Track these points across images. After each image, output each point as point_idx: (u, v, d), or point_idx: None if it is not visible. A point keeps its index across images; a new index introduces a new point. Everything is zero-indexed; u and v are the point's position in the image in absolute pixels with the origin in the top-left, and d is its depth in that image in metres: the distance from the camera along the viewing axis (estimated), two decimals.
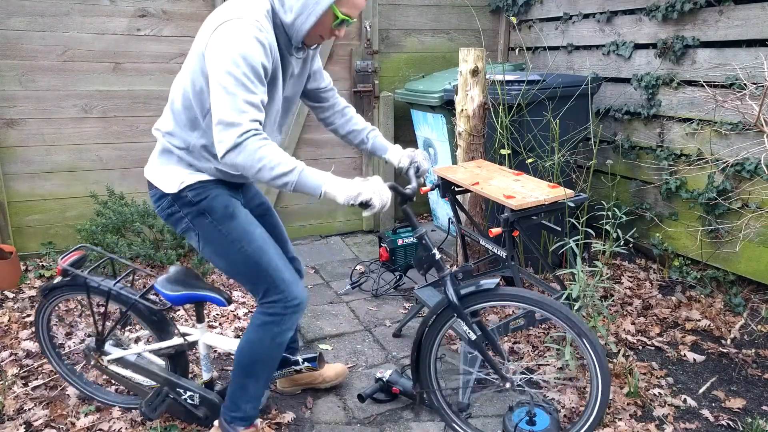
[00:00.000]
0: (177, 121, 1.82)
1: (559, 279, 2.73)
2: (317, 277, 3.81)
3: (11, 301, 3.29)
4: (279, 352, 1.96)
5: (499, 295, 1.90)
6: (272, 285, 1.85)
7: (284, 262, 1.91)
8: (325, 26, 1.72)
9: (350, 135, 2.18)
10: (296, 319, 1.92)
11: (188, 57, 1.76)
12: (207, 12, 3.87)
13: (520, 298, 1.90)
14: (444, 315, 1.96)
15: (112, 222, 3.49)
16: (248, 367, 1.96)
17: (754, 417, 2.32)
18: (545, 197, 2.45)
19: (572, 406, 2.40)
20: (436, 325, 1.99)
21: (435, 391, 2.08)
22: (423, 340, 2.04)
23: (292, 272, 1.91)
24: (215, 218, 1.85)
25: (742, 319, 3.04)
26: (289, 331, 1.91)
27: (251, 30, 1.59)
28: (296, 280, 1.90)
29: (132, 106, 3.85)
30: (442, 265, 1.93)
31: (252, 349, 1.93)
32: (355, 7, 1.71)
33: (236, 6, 1.67)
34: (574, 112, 3.49)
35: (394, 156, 2.13)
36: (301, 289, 1.91)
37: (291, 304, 1.87)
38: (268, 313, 1.88)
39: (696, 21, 3.34)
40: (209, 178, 1.87)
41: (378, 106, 4.36)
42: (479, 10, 4.73)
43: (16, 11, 3.48)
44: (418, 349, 2.06)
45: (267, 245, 1.87)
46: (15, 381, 2.55)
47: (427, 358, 2.05)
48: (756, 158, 3.03)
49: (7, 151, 3.63)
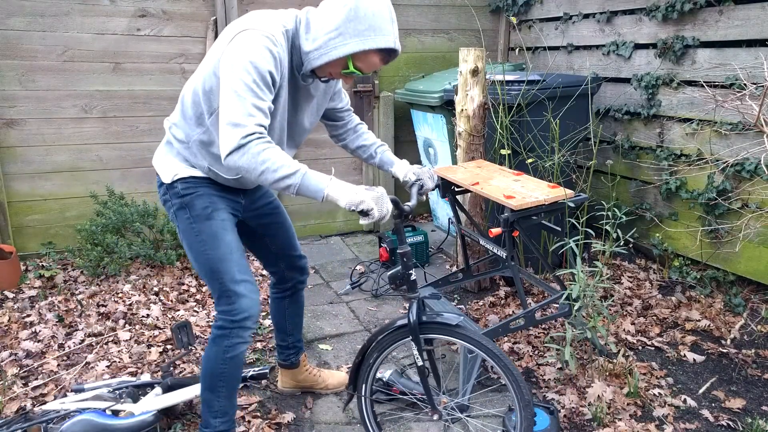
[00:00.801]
0: (184, 115, 1.87)
1: (559, 279, 2.73)
2: (317, 277, 3.81)
3: (11, 301, 3.29)
4: (234, 368, 1.92)
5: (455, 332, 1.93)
6: (224, 294, 1.86)
7: (245, 275, 1.88)
8: (336, 69, 1.74)
9: (359, 150, 2.20)
10: (245, 335, 1.89)
11: (204, 61, 1.80)
12: (207, 12, 3.87)
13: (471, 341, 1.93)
14: (399, 332, 1.98)
15: (112, 222, 3.49)
16: (207, 382, 1.95)
17: (754, 417, 2.32)
18: (545, 197, 2.45)
19: (572, 406, 2.40)
20: (388, 338, 1.99)
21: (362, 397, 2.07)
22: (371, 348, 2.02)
23: (250, 287, 1.89)
24: (193, 215, 1.88)
25: (742, 319, 3.04)
26: (240, 345, 1.89)
27: (264, 41, 1.64)
28: (250, 295, 1.87)
29: (132, 106, 3.85)
30: (416, 287, 1.95)
31: (208, 364, 1.93)
32: (369, 66, 1.73)
33: (256, 18, 1.72)
34: (574, 112, 3.49)
35: (401, 171, 2.14)
36: (253, 305, 1.87)
37: (236, 318, 1.85)
38: (218, 326, 1.89)
39: (696, 21, 3.34)
40: (201, 175, 1.90)
41: (378, 106, 4.36)
42: (479, 10, 4.73)
43: (16, 11, 3.48)
44: (363, 354, 2.04)
45: (231, 255, 1.87)
46: (15, 381, 2.55)
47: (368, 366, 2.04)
48: (756, 158, 3.03)
49: (7, 151, 3.63)
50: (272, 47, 1.64)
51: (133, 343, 2.88)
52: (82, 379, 2.58)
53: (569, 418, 2.35)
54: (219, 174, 1.88)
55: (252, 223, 2.15)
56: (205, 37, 3.91)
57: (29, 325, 3.02)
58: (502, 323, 2.52)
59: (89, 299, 3.29)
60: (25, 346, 2.82)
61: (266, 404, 2.45)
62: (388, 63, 1.76)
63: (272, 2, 4.03)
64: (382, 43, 1.65)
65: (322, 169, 4.90)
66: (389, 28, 1.67)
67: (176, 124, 1.90)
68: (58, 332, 2.95)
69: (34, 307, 3.23)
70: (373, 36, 1.64)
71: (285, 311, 2.36)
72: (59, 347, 2.84)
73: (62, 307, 3.20)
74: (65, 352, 2.80)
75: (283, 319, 2.38)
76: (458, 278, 3.05)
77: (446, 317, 1.94)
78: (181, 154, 1.90)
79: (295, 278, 2.31)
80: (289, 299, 2.35)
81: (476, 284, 3.46)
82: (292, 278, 2.31)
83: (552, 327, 3.02)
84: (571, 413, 2.37)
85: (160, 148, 1.98)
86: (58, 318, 3.06)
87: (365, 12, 1.63)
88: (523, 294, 2.64)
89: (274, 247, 2.22)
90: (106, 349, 2.83)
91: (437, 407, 2.04)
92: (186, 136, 1.87)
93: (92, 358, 2.74)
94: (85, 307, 3.20)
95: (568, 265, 3.43)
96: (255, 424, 2.28)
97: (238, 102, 1.58)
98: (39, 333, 2.93)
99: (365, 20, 1.63)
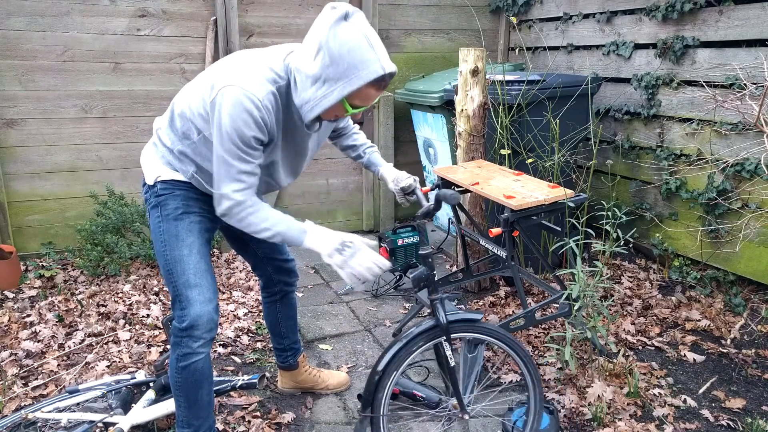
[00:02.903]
0: (172, 124, 1.85)
1: (559, 279, 2.73)
2: (317, 277, 3.81)
3: (11, 301, 3.29)
4: (187, 379, 1.82)
5: (482, 329, 1.99)
6: (176, 298, 1.82)
7: (200, 279, 1.81)
8: (338, 111, 1.68)
9: (348, 149, 2.25)
10: (193, 345, 1.79)
11: (201, 79, 1.77)
12: (207, 12, 3.87)
13: (497, 335, 2.00)
14: (428, 335, 1.95)
15: (112, 222, 3.49)
16: (173, 389, 1.89)
17: (754, 417, 2.32)
18: (545, 197, 2.45)
19: (572, 406, 2.40)
20: (414, 343, 1.92)
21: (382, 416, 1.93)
22: (393, 361, 1.89)
23: (205, 293, 1.80)
24: (162, 214, 1.87)
25: (742, 319, 3.04)
26: (190, 356, 1.79)
27: (246, 105, 1.60)
28: (203, 303, 1.79)
29: (132, 106, 3.85)
30: (438, 287, 1.96)
31: (170, 373, 1.87)
32: (367, 99, 1.63)
33: (245, 69, 1.66)
34: (574, 112, 3.49)
35: (389, 174, 2.20)
36: (202, 313, 1.77)
37: (182, 326, 1.78)
38: (173, 333, 1.83)
39: (696, 21, 3.34)
40: (183, 179, 1.89)
41: (378, 106, 4.36)
42: (479, 10, 4.73)
43: (16, 11, 3.48)
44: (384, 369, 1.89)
45: (190, 258, 1.81)
46: (15, 381, 2.55)
47: (390, 381, 1.91)
48: (756, 158, 3.03)
49: (7, 151, 3.63)
50: (254, 112, 1.61)
51: (133, 343, 2.88)
52: (82, 378, 2.58)
53: (569, 418, 2.35)
54: (201, 182, 1.87)
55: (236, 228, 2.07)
56: (205, 37, 3.91)
57: (29, 325, 3.02)
58: (502, 323, 2.52)
59: (89, 299, 3.29)
60: (25, 346, 2.82)
61: (266, 404, 2.45)
62: (386, 87, 1.65)
63: (272, 2, 4.03)
64: (368, 76, 1.55)
65: (323, 170, 4.87)
66: (372, 56, 1.55)
67: (163, 130, 1.89)
68: (58, 332, 2.95)
69: (34, 307, 3.23)
70: (357, 72, 1.54)
71: (277, 315, 2.36)
72: (59, 347, 2.84)
73: (62, 307, 3.20)
74: (65, 352, 2.80)
75: (277, 323, 2.37)
76: (458, 278, 3.05)
77: (469, 315, 1.98)
78: (165, 157, 1.89)
79: (283, 281, 2.31)
80: (279, 303, 2.35)
81: (476, 284, 3.46)
82: (279, 281, 2.30)
83: (552, 327, 3.02)
84: (571, 413, 2.37)
85: (147, 148, 1.97)
86: (58, 318, 3.06)
87: (339, 51, 1.52)
88: (523, 294, 2.64)
89: (260, 252, 2.23)
90: (106, 349, 2.83)
91: (465, 407, 2.03)
92: (171, 143, 1.86)
93: (92, 358, 2.74)
94: (85, 307, 3.20)
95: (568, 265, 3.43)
96: (255, 424, 2.28)
97: (224, 170, 1.66)
98: (39, 333, 2.93)
99: (342, 60, 1.53)
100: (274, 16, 4.07)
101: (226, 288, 3.54)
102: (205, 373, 1.84)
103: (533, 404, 2.04)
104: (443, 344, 1.95)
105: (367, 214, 4.59)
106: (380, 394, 1.88)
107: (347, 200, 4.55)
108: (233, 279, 3.66)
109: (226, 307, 3.27)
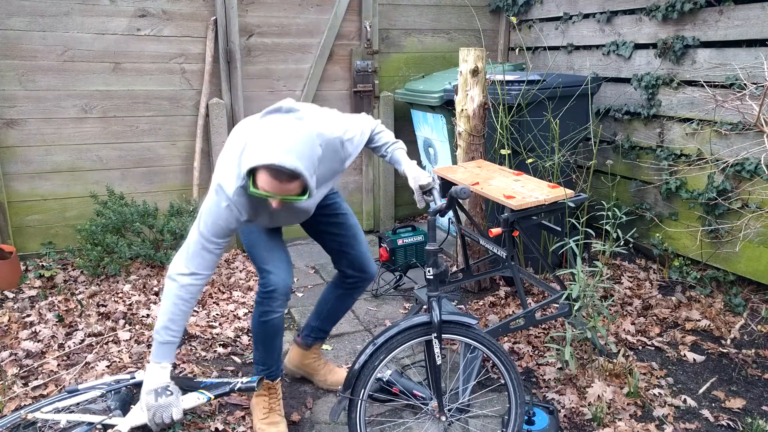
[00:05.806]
0: None
1: (559, 279, 2.73)
2: (317, 277, 3.81)
3: (11, 301, 3.29)
4: (268, 331, 2.20)
5: (472, 334, 2.02)
6: (259, 270, 2.19)
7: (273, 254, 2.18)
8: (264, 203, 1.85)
9: (374, 150, 2.33)
10: (273, 305, 2.15)
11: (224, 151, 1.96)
12: (207, 12, 3.87)
13: (483, 341, 2.03)
14: (418, 330, 1.97)
15: (112, 222, 3.49)
16: (254, 338, 2.26)
17: (754, 417, 2.32)
18: (545, 197, 2.45)
19: (572, 406, 2.40)
20: (403, 336, 1.96)
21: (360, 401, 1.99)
22: (378, 349, 1.94)
23: (279, 265, 2.17)
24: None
25: (742, 319, 3.04)
26: (270, 313, 2.16)
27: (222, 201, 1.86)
28: (278, 272, 2.14)
29: (132, 106, 3.85)
30: (438, 286, 2.00)
31: (252, 323, 2.24)
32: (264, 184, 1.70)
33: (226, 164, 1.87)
34: (574, 112, 3.49)
35: (408, 171, 2.23)
36: (280, 280, 2.13)
37: (265, 290, 2.15)
38: (257, 293, 2.20)
39: (696, 21, 3.34)
40: None
41: (378, 106, 4.36)
42: (479, 10, 4.73)
43: (16, 11, 3.48)
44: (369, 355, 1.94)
45: (258, 241, 2.21)
46: (15, 381, 2.55)
47: (373, 368, 1.95)
48: (756, 158, 3.03)
49: (7, 151, 3.63)
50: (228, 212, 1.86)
51: (133, 343, 2.88)
52: (82, 378, 2.58)
53: (569, 418, 2.35)
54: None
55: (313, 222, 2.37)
56: (205, 37, 3.91)
57: (29, 325, 3.02)
58: (502, 323, 2.52)
59: (89, 299, 3.29)
60: (25, 346, 2.82)
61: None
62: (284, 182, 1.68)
63: (272, 2, 4.03)
64: (262, 159, 1.63)
65: None
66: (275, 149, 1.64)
67: None
68: (58, 332, 2.95)
69: (34, 307, 3.23)
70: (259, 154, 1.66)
71: (332, 299, 2.48)
72: (59, 347, 2.84)
73: (62, 307, 3.20)
74: (65, 352, 2.80)
75: (325, 304, 2.49)
76: (458, 278, 3.05)
77: (464, 319, 2.02)
78: None
79: (355, 276, 2.42)
80: (343, 292, 2.46)
81: (476, 284, 3.46)
82: (352, 276, 2.42)
83: (552, 327, 3.02)
84: (571, 413, 2.37)
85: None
86: (58, 318, 3.06)
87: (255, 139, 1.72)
88: (523, 294, 2.64)
89: (335, 245, 2.41)
90: (106, 349, 2.83)
91: (444, 408, 2.05)
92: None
93: (92, 358, 2.74)
94: (85, 307, 3.20)
95: (568, 265, 3.43)
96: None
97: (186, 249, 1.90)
98: (39, 333, 2.93)
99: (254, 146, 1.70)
100: (274, 16, 4.07)
101: (226, 288, 3.54)
102: (279, 327, 2.22)
103: (513, 413, 2.06)
104: (434, 342, 1.98)
105: (367, 214, 4.60)
106: (362, 377, 1.96)
107: (347, 200, 4.48)
108: (233, 279, 3.66)
109: (226, 307, 3.27)
